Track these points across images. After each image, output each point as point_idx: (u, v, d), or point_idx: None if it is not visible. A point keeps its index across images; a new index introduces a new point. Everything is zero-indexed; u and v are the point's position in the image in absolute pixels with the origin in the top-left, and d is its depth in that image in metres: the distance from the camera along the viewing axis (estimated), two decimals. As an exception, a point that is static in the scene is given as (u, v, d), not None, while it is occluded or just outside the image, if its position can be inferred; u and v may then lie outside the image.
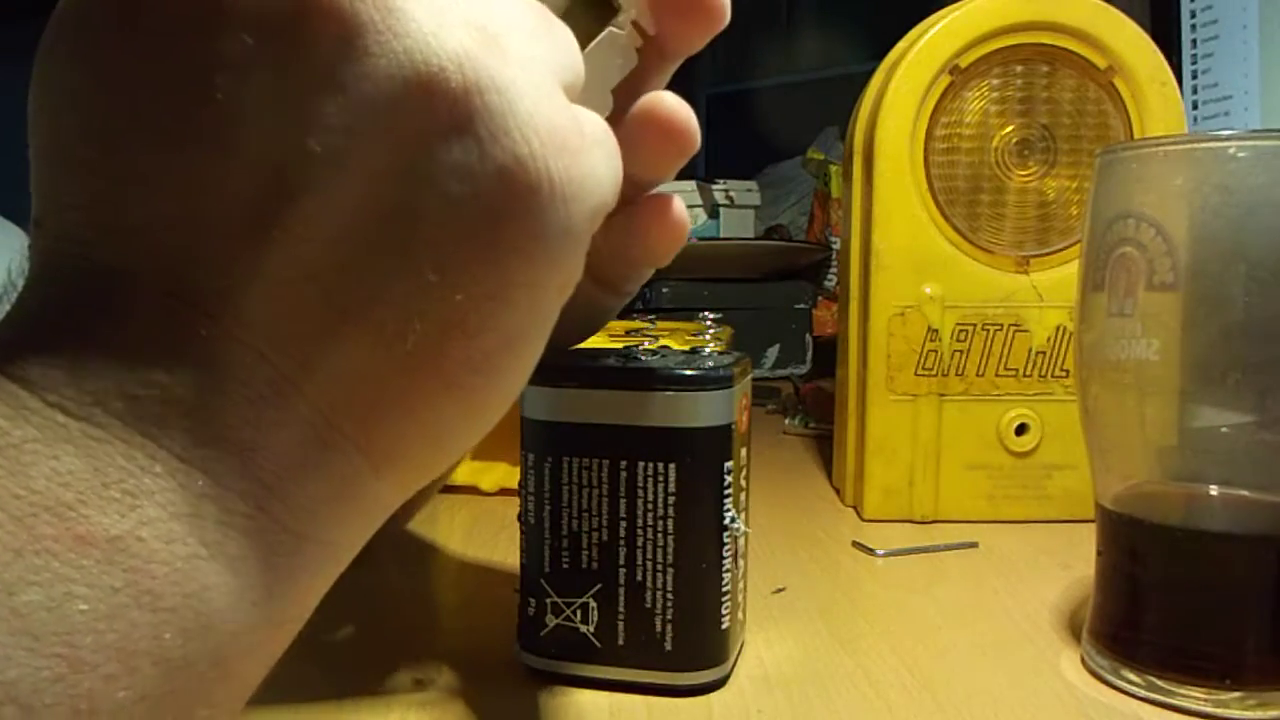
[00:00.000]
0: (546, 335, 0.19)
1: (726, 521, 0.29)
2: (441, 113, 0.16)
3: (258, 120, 0.15)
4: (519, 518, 0.30)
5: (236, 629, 0.16)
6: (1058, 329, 0.47)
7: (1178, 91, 0.46)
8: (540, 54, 0.18)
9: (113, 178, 0.16)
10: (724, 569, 0.29)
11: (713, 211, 1.16)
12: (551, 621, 0.29)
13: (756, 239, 1.16)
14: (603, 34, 0.22)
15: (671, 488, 0.28)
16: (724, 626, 0.29)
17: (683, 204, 0.27)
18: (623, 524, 0.29)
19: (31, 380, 0.14)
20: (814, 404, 0.71)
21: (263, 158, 0.15)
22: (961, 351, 0.47)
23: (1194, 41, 0.69)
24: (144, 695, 0.14)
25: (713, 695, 0.29)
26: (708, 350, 0.31)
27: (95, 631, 0.14)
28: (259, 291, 0.16)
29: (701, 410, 0.28)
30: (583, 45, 0.22)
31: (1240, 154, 0.28)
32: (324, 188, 0.16)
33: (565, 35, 0.19)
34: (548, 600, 0.29)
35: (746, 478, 0.30)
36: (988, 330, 0.47)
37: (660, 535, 0.28)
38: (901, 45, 0.49)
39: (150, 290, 0.15)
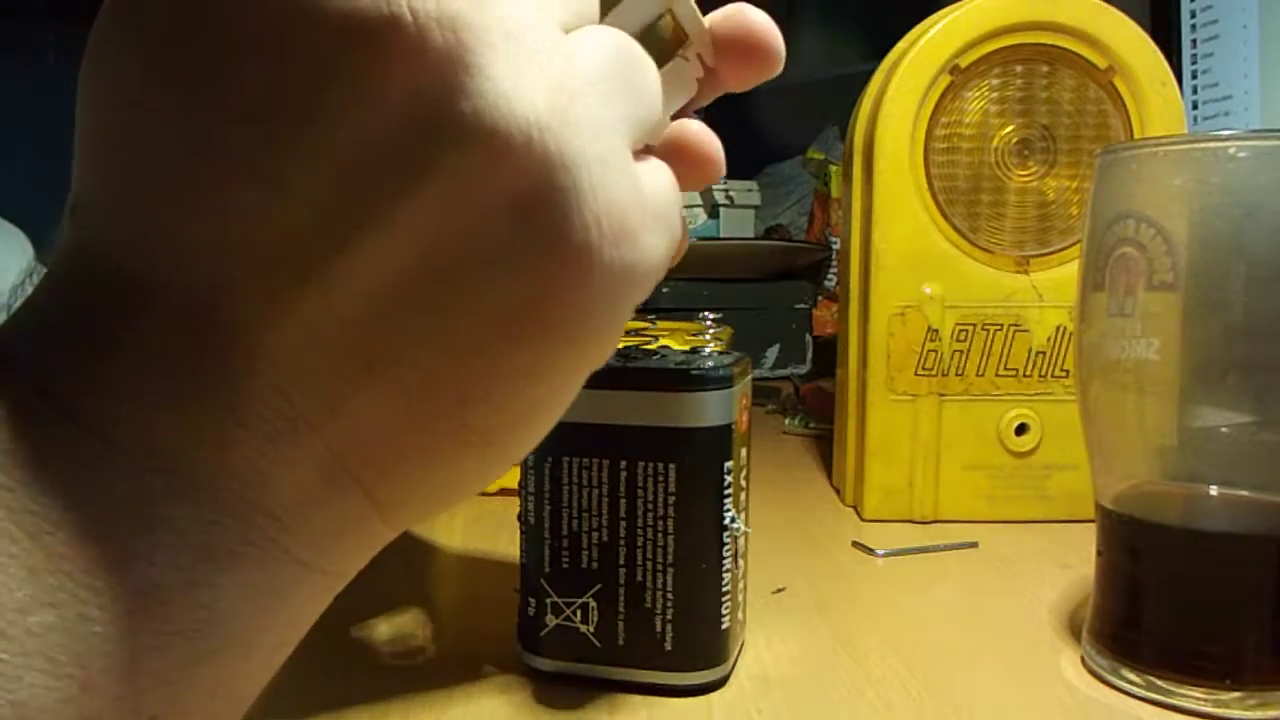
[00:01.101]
0: (569, 403, 0.18)
1: (726, 521, 0.29)
2: (505, 184, 0.15)
3: (312, 162, 0.15)
4: (519, 518, 0.30)
5: (242, 653, 0.16)
6: (1058, 329, 0.47)
7: (1178, 91, 0.46)
8: (616, 115, 0.17)
9: (156, 185, 0.15)
10: (724, 569, 0.29)
11: (713, 211, 1.16)
12: (551, 621, 0.29)
13: (756, 239, 1.16)
14: (670, 63, 0.22)
15: (671, 488, 0.28)
16: (724, 626, 0.29)
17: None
18: (623, 524, 0.29)
19: (50, 391, 0.14)
20: (814, 404, 0.71)
21: (311, 199, 0.15)
22: (961, 351, 0.47)
23: (1194, 41, 0.69)
24: (150, 717, 0.14)
25: (713, 695, 0.29)
26: (708, 350, 0.31)
27: (106, 654, 0.14)
28: (289, 331, 0.15)
29: (701, 410, 0.28)
30: None
31: (1240, 154, 0.28)
32: (372, 243, 0.15)
33: (646, 77, 0.18)
34: (548, 600, 0.29)
35: (746, 478, 0.30)
36: (988, 330, 0.47)
37: (660, 535, 0.28)
38: (901, 45, 0.49)
39: (178, 309, 0.15)
